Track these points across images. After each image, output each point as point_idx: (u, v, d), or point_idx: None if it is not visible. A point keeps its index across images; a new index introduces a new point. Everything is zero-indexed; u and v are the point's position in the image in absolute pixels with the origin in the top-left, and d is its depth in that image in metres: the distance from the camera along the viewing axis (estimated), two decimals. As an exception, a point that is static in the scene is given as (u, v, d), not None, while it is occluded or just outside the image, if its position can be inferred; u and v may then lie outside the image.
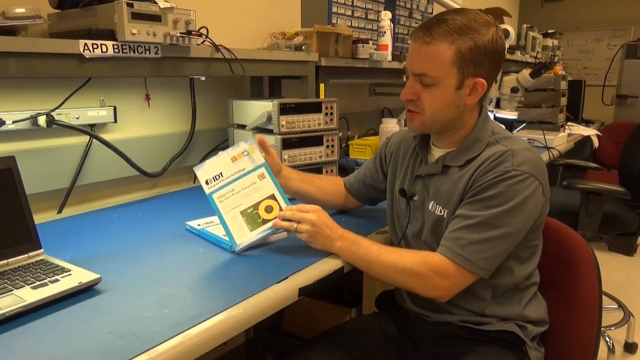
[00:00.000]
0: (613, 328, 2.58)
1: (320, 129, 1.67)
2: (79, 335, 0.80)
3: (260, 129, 1.68)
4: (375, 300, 1.41)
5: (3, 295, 0.89)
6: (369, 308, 1.77)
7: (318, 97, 1.97)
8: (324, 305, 2.07)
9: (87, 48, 1.23)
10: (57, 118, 1.44)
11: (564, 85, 3.28)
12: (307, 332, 2.03)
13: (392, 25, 2.32)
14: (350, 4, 2.35)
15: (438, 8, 2.40)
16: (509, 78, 2.67)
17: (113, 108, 1.62)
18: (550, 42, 4.43)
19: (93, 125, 1.57)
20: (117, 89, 1.65)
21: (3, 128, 1.34)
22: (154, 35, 1.32)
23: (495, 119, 2.54)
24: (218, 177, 1.20)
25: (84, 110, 1.53)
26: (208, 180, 1.20)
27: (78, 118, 1.51)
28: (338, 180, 1.49)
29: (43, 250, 1.07)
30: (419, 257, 1.10)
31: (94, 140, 1.56)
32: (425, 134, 1.23)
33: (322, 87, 1.99)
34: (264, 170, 1.24)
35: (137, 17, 1.27)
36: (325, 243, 1.13)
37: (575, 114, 3.99)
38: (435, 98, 1.10)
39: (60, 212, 1.52)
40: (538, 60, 3.81)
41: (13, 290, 0.91)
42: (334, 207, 1.47)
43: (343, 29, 2.08)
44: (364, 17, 2.45)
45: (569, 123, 3.53)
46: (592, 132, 3.70)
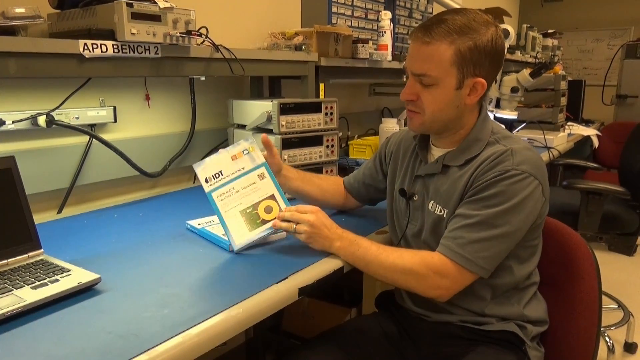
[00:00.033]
0: (613, 328, 2.58)
1: (320, 129, 1.67)
2: (79, 335, 0.80)
3: (260, 129, 1.68)
4: (375, 300, 1.41)
5: (3, 295, 0.89)
6: (369, 308, 1.77)
7: (318, 97, 1.97)
8: (324, 305, 2.07)
9: (86, 48, 1.23)
10: (57, 118, 1.44)
11: (564, 85, 3.28)
12: (307, 332, 2.03)
13: (392, 25, 2.32)
14: (350, 4, 2.35)
15: (438, 8, 2.39)
16: (509, 78, 2.67)
17: (113, 108, 1.62)
18: (550, 42, 4.43)
19: (93, 125, 1.57)
20: (117, 89, 1.65)
21: (3, 128, 1.34)
22: (154, 35, 1.32)
23: (495, 119, 2.54)
24: (218, 175, 1.20)
25: (84, 110, 1.54)
26: (207, 179, 1.19)
27: (78, 118, 1.51)
28: (338, 180, 1.49)
29: (43, 250, 1.07)
30: (418, 256, 1.10)
31: (94, 140, 1.56)
32: (425, 134, 1.23)
33: (322, 87, 1.99)
34: (264, 170, 1.24)
35: (136, 17, 1.27)
36: (324, 243, 1.13)
37: (575, 114, 3.99)
38: (435, 98, 1.10)
39: (60, 212, 1.52)
40: (538, 60, 3.82)
41: (13, 290, 0.91)
42: (334, 206, 1.47)
43: (343, 29, 2.08)
44: (364, 17, 2.45)
45: (569, 123, 3.53)
46: (592, 132, 3.70)
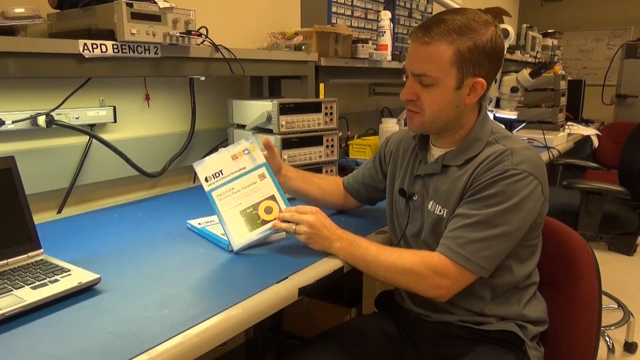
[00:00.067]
0: (613, 328, 2.58)
1: (320, 129, 1.67)
2: (79, 335, 0.80)
3: (260, 129, 1.68)
4: (375, 300, 1.41)
5: (3, 296, 0.89)
6: (369, 308, 1.77)
7: (318, 97, 1.97)
8: (324, 305, 2.07)
9: (86, 48, 1.23)
10: (56, 118, 1.44)
11: (564, 85, 3.28)
12: (307, 332, 2.03)
13: (391, 25, 2.32)
14: (350, 4, 2.35)
15: (438, 8, 2.39)
16: (509, 78, 2.67)
17: (113, 108, 1.62)
18: (550, 41, 4.43)
19: (93, 125, 1.57)
20: (116, 89, 1.65)
21: (3, 128, 1.34)
22: (154, 35, 1.32)
23: (495, 119, 2.54)
24: (218, 174, 1.20)
25: (84, 110, 1.53)
26: (207, 178, 1.19)
27: (78, 118, 1.51)
28: (337, 180, 1.49)
29: (43, 250, 1.07)
30: (418, 256, 1.10)
31: (94, 140, 1.56)
32: (425, 134, 1.23)
33: (321, 87, 1.99)
34: (265, 170, 1.23)
35: (136, 17, 1.27)
36: (324, 244, 1.13)
37: (575, 114, 3.99)
38: (435, 98, 1.10)
39: (60, 212, 1.52)
40: (538, 60, 3.82)
41: (13, 291, 0.91)
42: (333, 206, 1.47)
43: (343, 29, 2.08)
44: (364, 17, 2.45)
45: (569, 123, 3.53)
46: (591, 131, 3.70)
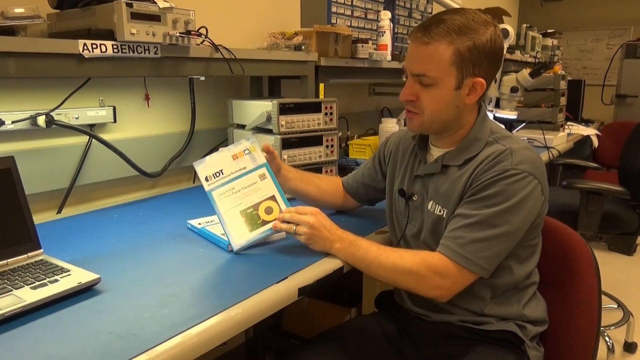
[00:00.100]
0: (612, 328, 2.58)
1: (320, 129, 1.67)
2: (79, 336, 0.80)
3: (260, 129, 1.68)
4: (375, 300, 1.41)
5: (2, 296, 0.89)
6: (369, 308, 1.77)
7: (317, 97, 1.97)
8: (324, 305, 2.07)
9: (86, 48, 1.23)
10: (56, 118, 1.44)
11: (564, 85, 3.28)
12: (306, 332, 2.03)
13: (391, 25, 2.32)
14: (350, 4, 2.35)
15: (437, 8, 2.40)
16: (509, 78, 2.67)
17: (112, 108, 1.61)
18: (550, 41, 4.43)
19: (92, 125, 1.57)
20: (116, 89, 1.65)
21: (2, 128, 1.34)
22: (154, 35, 1.32)
23: (495, 119, 2.54)
24: (218, 174, 1.19)
25: (84, 110, 1.53)
26: (208, 177, 1.19)
27: (77, 118, 1.51)
28: (337, 180, 1.49)
29: (42, 251, 1.07)
30: (418, 257, 1.10)
31: (94, 140, 1.56)
32: (424, 134, 1.23)
33: (321, 87, 1.99)
34: (265, 170, 1.23)
35: (136, 17, 1.27)
36: (324, 245, 1.13)
37: (575, 114, 3.99)
38: (435, 98, 1.09)
39: (60, 212, 1.52)
40: (537, 60, 3.82)
41: (12, 291, 0.91)
42: (333, 207, 1.47)
43: (342, 29, 2.08)
44: (364, 16, 2.45)
45: (569, 123, 3.53)
46: (591, 131, 3.70)
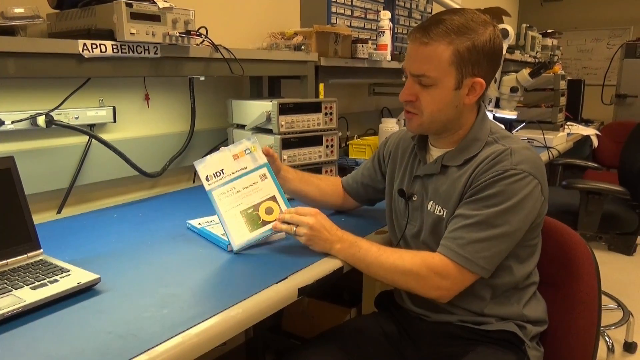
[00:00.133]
0: (612, 327, 2.58)
1: (320, 129, 1.67)
2: (79, 336, 0.80)
3: (260, 129, 1.68)
4: (375, 300, 1.41)
5: (2, 296, 0.89)
6: (369, 308, 1.77)
7: (317, 97, 1.97)
8: (324, 305, 2.07)
9: (86, 48, 1.23)
10: (56, 118, 1.44)
11: (564, 85, 3.29)
12: (306, 332, 2.03)
13: (391, 25, 2.32)
14: (350, 4, 2.35)
15: (437, 8, 2.40)
16: (509, 78, 2.67)
17: (112, 108, 1.61)
18: (550, 41, 4.43)
19: (92, 125, 1.57)
20: (116, 89, 1.65)
21: (2, 128, 1.34)
22: (153, 35, 1.32)
23: (495, 119, 2.54)
24: (219, 174, 1.19)
25: (83, 110, 1.53)
26: (208, 177, 1.19)
27: (77, 118, 1.51)
28: (336, 181, 1.49)
29: (42, 251, 1.07)
30: (419, 257, 1.10)
31: (93, 140, 1.56)
32: (424, 134, 1.23)
33: (321, 87, 1.99)
34: (266, 171, 1.23)
35: (136, 17, 1.27)
36: (325, 246, 1.13)
37: (575, 114, 3.99)
38: (434, 98, 1.09)
39: (60, 212, 1.52)
40: (537, 60, 3.81)
41: (12, 291, 0.91)
42: (332, 207, 1.47)
43: (342, 29, 2.08)
44: (363, 16, 2.45)
45: (569, 123, 3.53)
46: (591, 131, 3.70)
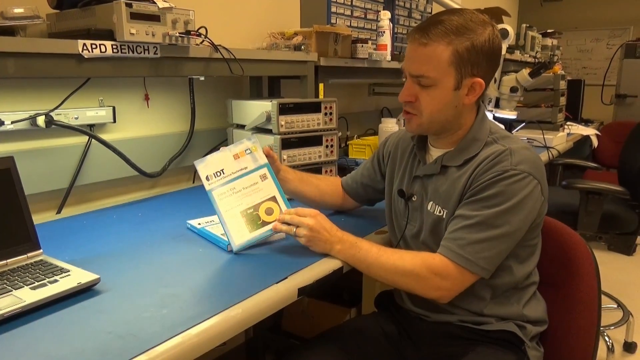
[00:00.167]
0: (612, 327, 2.58)
1: (320, 129, 1.67)
2: (78, 336, 0.80)
3: (260, 129, 1.68)
4: (375, 300, 1.41)
5: (2, 296, 0.89)
6: (369, 308, 1.77)
7: (317, 97, 1.97)
8: (324, 305, 2.07)
9: (86, 48, 1.23)
10: (56, 118, 1.44)
11: (563, 85, 3.28)
12: (306, 332, 2.03)
13: (391, 25, 2.32)
14: (350, 4, 2.35)
15: (437, 8, 2.40)
16: (508, 78, 2.67)
17: (112, 108, 1.61)
18: (550, 41, 4.43)
19: (92, 126, 1.57)
20: (116, 89, 1.65)
21: (2, 128, 1.34)
22: (153, 35, 1.32)
23: (495, 119, 2.54)
24: (219, 173, 1.19)
25: (83, 111, 1.53)
26: (209, 176, 1.19)
27: (77, 118, 1.51)
28: (336, 181, 1.49)
29: (42, 251, 1.07)
30: (419, 258, 1.10)
31: (93, 141, 1.56)
32: (423, 135, 1.23)
33: (321, 87, 1.99)
34: (266, 171, 1.23)
35: (135, 17, 1.27)
36: (325, 247, 1.13)
37: (575, 114, 3.99)
38: (434, 99, 1.09)
39: (60, 212, 1.52)
40: (537, 60, 3.81)
41: (12, 291, 0.91)
42: (332, 207, 1.47)
43: (342, 29, 2.08)
44: (363, 16, 2.45)
45: (568, 122, 3.53)
46: (591, 131, 3.70)
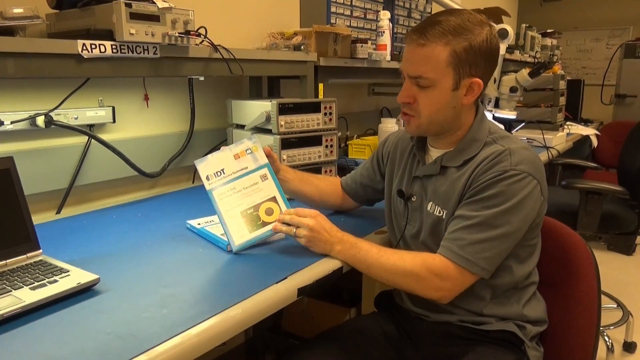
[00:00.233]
0: (612, 327, 2.58)
1: (319, 129, 1.67)
2: (78, 336, 0.80)
3: (259, 129, 1.68)
4: (375, 300, 1.41)
5: (2, 296, 0.89)
6: (368, 308, 1.77)
7: (317, 97, 1.97)
8: (323, 305, 2.07)
9: (85, 48, 1.23)
10: (55, 118, 1.44)
11: (563, 85, 3.28)
12: (306, 332, 2.03)
13: (390, 25, 2.32)
14: (349, 4, 2.34)
15: (437, 8, 2.40)
16: (508, 78, 2.67)
17: (112, 108, 1.61)
18: (549, 41, 4.43)
19: (92, 126, 1.57)
20: (115, 89, 1.65)
21: (1, 128, 1.34)
22: (153, 36, 1.32)
23: (494, 119, 2.54)
24: (219, 173, 1.19)
25: (83, 111, 1.53)
26: (209, 176, 1.19)
27: (77, 118, 1.51)
28: (336, 181, 1.49)
29: (42, 251, 1.07)
30: (419, 258, 1.09)
31: (93, 141, 1.56)
32: (422, 136, 1.23)
33: (321, 87, 1.99)
34: (267, 171, 1.23)
35: (135, 17, 1.27)
36: (325, 247, 1.13)
37: (574, 114, 3.99)
38: (432, 100, 1.09)
39: (59, 212, 1.52)
40: (537, 60, 3.82)
41: (11, 291, 0.90)
42: (332, 207, 1.47)
43: (342, 29, 2.08)
44: (363, 16, 2.45)
45: (568, 122, 3.53)
46: (591, 131, 3.70)
